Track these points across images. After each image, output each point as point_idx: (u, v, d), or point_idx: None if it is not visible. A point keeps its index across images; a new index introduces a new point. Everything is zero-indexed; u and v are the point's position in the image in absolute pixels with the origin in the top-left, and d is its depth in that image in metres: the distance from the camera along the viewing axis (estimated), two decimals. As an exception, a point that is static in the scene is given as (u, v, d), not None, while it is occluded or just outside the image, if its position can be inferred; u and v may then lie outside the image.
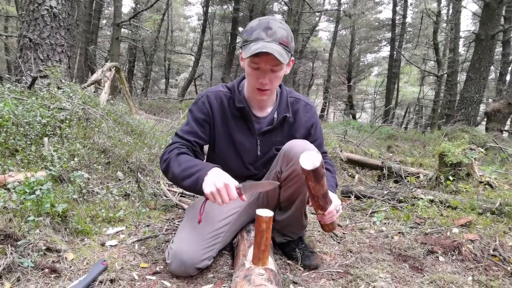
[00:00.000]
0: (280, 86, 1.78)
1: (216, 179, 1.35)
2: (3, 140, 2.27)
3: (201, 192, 1.39)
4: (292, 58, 1.59)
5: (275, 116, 1.75)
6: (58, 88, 3.33)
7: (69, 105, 2.96)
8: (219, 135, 1.71)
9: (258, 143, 1.74)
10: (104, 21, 18.83)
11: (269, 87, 1.57)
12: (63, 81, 3.58)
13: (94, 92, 4.70)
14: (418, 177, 3.60)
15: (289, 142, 1.60)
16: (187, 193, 2.76)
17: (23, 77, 3.72)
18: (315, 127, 1.81)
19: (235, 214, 1.69)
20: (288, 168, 1.57)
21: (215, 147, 1.75)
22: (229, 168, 1.53)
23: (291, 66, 1.68)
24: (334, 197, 1.55)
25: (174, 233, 1.85)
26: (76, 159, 2.34)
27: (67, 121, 2.73)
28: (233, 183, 1.36)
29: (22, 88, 3.38)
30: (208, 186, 1.35)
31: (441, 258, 1.80)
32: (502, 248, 1.88)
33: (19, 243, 1.42)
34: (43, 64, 3.86)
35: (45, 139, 2.42)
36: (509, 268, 1.67)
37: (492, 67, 12.63)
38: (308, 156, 1.32)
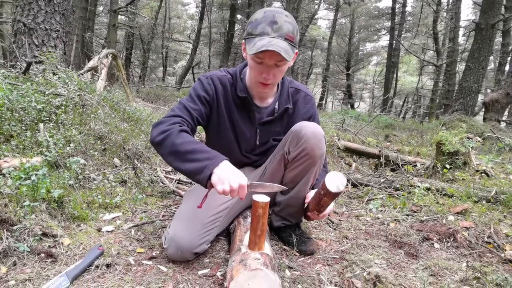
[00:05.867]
0: None
1: (231, 179, 1.27)
2: (-2, 126, 2.25)
3: (201, 181, 1.31)
4: (296, 51, 1.56)
5: (276, 107, 1.74)
6: (54, 74, 3.29)
7: (64, 91, 2.93)
8: (223, 121, 1.68)
9: (257, 133, 1.73)
10: (101, 8, 18.54)
11: (272, 81, 1.55)
12: (58, 67, 3.54)
13: (91, 79, 4.65)
14: (415, 165, 3.61)
15: (299, 123, 1.59)
16: (185, 180, 2.76)
17: (18, 63, 3.67)
18: (313, 118, 1.81)
19: (234, 199, 1.69)
20: (297, 148, 1.56)
21: (217, 133, 1.71)
22: (228, 155, 1.52)
23: (295, 59, 1.65)
24: None
25: (171, 219, 1.85)
26: (72, 145, 2.32)
27: (63, 107, 2.70)
28: (245, 182, 1.30)
29: (17, 73, 3.34)
30: (220, 184, 1.27)
31: (436, 245, 1.82)
32: (496, 235, 1.90)
33: (14, 228, 1.42)
34: (38, 50, 3.81)
35: (41, 124, 2.40)
36: (502, 255, 1.68)
37: (491, 57, 12.59)
38: (334, 178, 1.35)
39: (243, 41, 1.55)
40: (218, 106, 1.66)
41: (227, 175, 1.29)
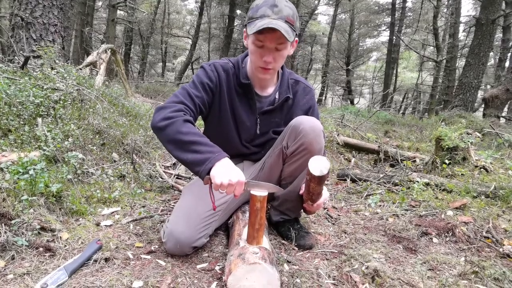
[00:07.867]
0: (281, 67, 1.77)
1: (231, 173, 1.28)
2: (-4, 120, 2.24)
3: (201, 173, 1.31)
4: (296, 38, 1.55)
5: (276, 96, 1.74)
6: (52, 68, 3.27)
7: (63, 85, 2.91)
8: (224, 108, 1.67)
9: (258, 122, 1.73)
10: (100, 3, 18.41)
11: (273, 66, 1.55)
12: (57, 61, 3.52)
13: (90, 74, 4.63)
14: (415, 161, 3.61)
15: (297, 118, 1.59)
16: (184, 175, 2.75)
17: (16, 57, 3.65)
18: (313, 110, 1.82)
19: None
20: (295, 142, 1.56)
21: (218, 121, 1.70)
22: (227, 145, 1.50)
23: (294, 47, 1.64)
24: (324, 190, 1.56)
25: (170, 214, 1.85)
26: (70, 139, 2.31)
27: (61, 102, 2.69)
28: (244, 179, 1.31)
29: (15, 68, 3.32)
30: (220, 176, 1.27)
31: (435, 240, 1.82)
32: (495, 230, 1.90)
33: (13, 222, 1.42)
34: (36, 44, 3.79)
35: (39, 119, 2.40)
36: (501, 250, 1.69)
37: (491, 53, 12.54)
38: (317, 162, 1.35)
39: (244, 28, 1.56)
40: (221, 93, 1.65)
41: (228, 170, 1.29)
